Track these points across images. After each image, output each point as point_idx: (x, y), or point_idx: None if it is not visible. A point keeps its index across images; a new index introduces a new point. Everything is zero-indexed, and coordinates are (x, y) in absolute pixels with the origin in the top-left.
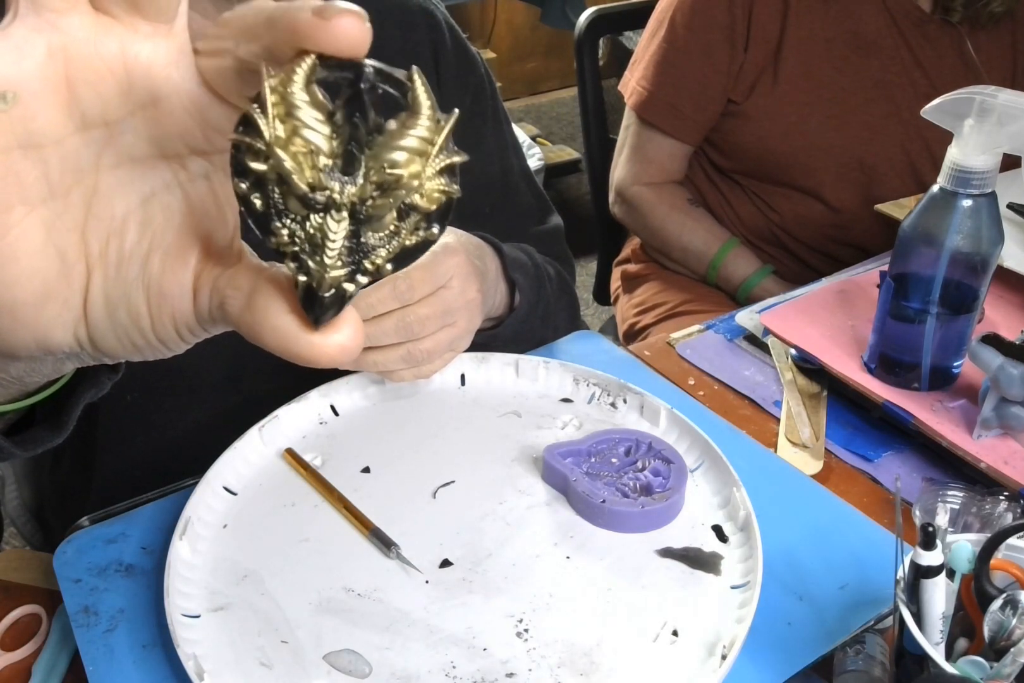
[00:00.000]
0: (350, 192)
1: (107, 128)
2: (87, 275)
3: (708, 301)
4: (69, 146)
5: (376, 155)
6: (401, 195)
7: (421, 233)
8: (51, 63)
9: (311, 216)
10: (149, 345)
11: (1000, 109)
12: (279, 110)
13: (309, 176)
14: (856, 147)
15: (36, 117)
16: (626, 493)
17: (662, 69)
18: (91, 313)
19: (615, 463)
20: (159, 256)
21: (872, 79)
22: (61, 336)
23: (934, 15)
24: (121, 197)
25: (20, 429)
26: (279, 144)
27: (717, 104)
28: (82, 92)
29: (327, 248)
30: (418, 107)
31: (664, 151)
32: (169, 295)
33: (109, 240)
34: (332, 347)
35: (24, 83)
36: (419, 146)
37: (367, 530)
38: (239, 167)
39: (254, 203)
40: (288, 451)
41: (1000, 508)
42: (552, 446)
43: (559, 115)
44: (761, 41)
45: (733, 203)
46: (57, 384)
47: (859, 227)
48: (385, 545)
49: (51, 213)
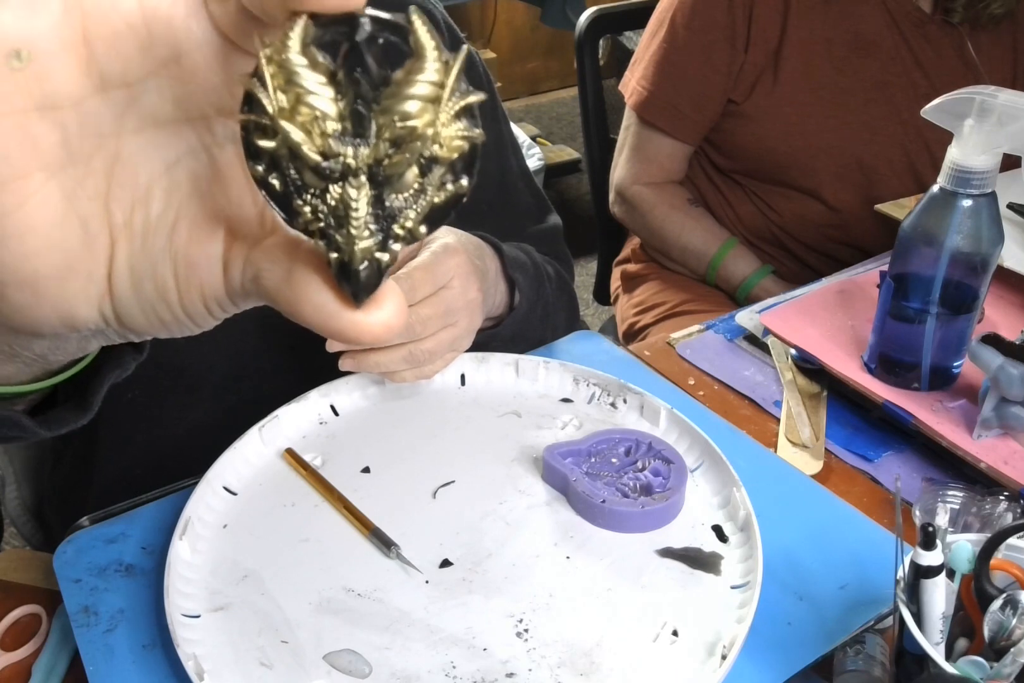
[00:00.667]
0: (364, 154)
1: (128, 89)
2: (111, 246)
3: (708, 301)
4: (88, 108)
5: (386, 109)
6: (418, 148)
7: (450, 186)
8: (67, 19)
9: (330, 187)
10: (176, 320)
11: (1000, 109)
12: (278, 80)
13: (319, 144)
14: (856, 147)
15: (52, 76)
16: (626, 493)
17: (662, 69)
18: (116, 287)
19: (615, 463)
20: (186, 225)
21: (872, 80)
22: (85, 311)
23: (934, 16)
24: (145, 163)
25: (42, 410)
26: (283, 116)
27: (717, 104)
28: (100, 50)
29: (351, 218)
30: (422, 50)
31: (664, 151)
32: (197, 266)
33: (133, 209)
34: (376, 325)
35: (39, 40)
36: (430, 92)
37: (367, 530)
38: (251, 148)
39: (272, 185)
40: (288, 451)
41: (1000, 508)
42: (552, 446)
43: (559, 115)
44: (761, 41)
45: (733, 203)
46: (81, 364)
47: (859, 227)
48: (385, 545)
49: (71, 181)
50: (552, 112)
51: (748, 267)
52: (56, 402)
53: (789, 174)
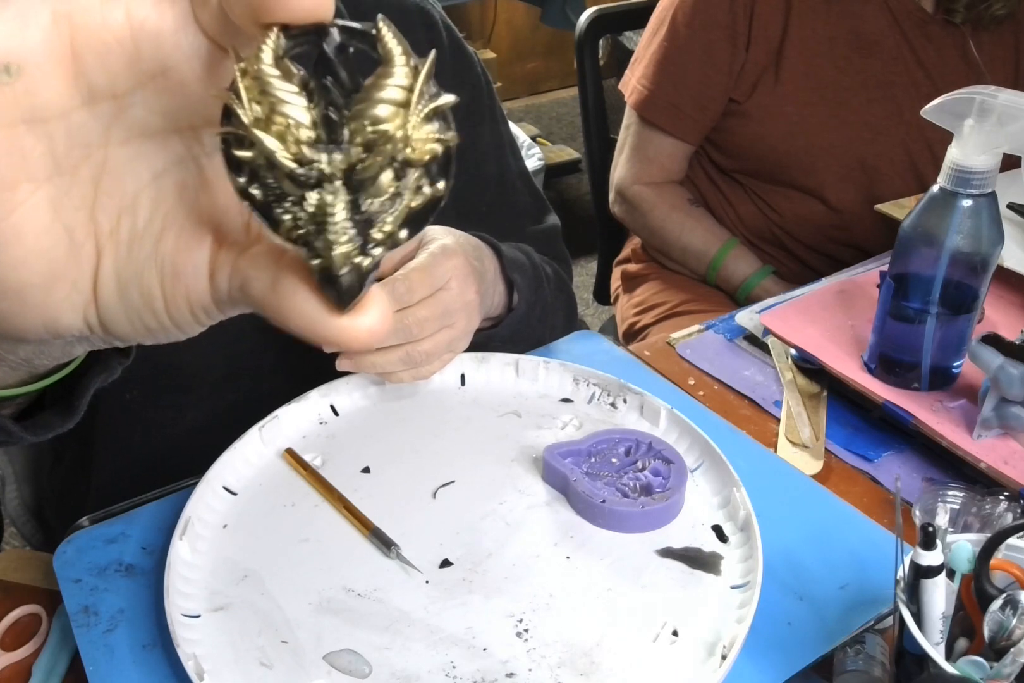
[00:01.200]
0: (337, 160)
1: (115, 101)
2: (97, 255)
3: (708, 301)
4: (76, 120)
5: (356, 115)
6: (390, 151)
7: (426, 190)
8: (55, 33)
9: (307, 194)
10: (162, 327)
11: (1000, 109)
12: (253, 92)
13: (294, 152)
14: (858, 147)
15: (41, 90)
16: (626, 493)
17: (663, 68)
18: (101, 295)
19: (615, 463)
20: (173, 234)
21: (874, 79)
22: (70, 319)
23: (936, 15)
24: (132, 173)
25: (30, 414)
26: (259, 126)
27: (718, 103)
28: (89, 63)
29: (329, 224)
30: (389, 56)
31: (665, 150)
32: (184, 275)
33: (120, 218)
34: (361, 331)
35: (28, 54)
36: (399, 96)
37: (367, 530)
38: (231, 160)
39: (254, 195)
40: (288, 451)
41: (1000, 508)
42: (552, 446)
43: (559, 115)
44: (762, 40)
45: (734, 203)
46: (67, 368)
47: (860, 227)
48: (385, 545)
49: (58, 190)
50: (552, 112)
51: (749, 268)
52: (43, 407)
53: (790, 174)
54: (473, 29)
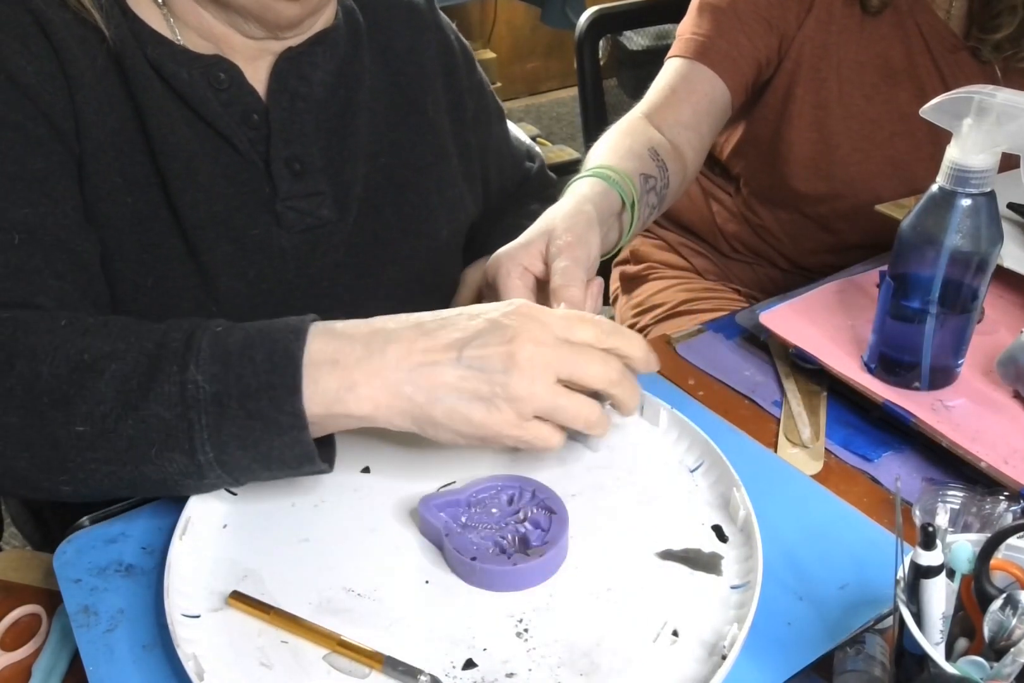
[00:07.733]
0: None
1: None
2: None
3: (708, 301)
4: None
5: None
6: None
7: None
8: None
9: None
10: None
11: (998, 108)
12: None
13: None
14: (877, 182)
15: None
16: (504, 547)
17: (718, 19)
18: None
19: (495, 514)
20: None
21: (899, 111)
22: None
23: (968, 42)
24: None
25: None
26: None
27: (767, 60)
28: None
29: None
30: None
31: (703, 87)
32: None
33: None
34: None
35: None
36: None
37: (379, 664)
38: None
39: None
40: (234, 594)
41: (1000, 508)
42: (428, 497)
43: (559, 115)
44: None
45: (730, 220)
46: None
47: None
48: (411, 675)
49: None
50: (552, 112)
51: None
52: None
53: (800, 206)
54: (473, 29)
